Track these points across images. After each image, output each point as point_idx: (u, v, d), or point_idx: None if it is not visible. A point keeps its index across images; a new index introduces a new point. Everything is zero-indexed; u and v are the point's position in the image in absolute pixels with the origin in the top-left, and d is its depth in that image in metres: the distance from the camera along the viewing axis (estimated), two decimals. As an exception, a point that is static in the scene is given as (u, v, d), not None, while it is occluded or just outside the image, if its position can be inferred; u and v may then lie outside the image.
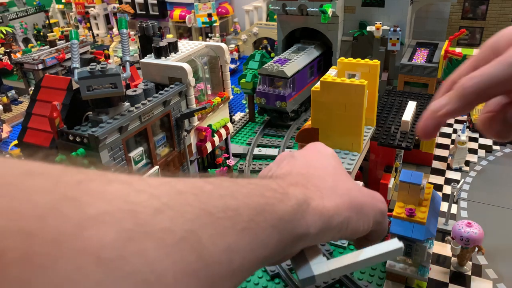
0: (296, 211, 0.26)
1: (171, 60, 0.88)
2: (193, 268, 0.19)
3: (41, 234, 0.16)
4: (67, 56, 1.60)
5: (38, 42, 2.32)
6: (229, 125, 1.05)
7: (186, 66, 0.85)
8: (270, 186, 0.26)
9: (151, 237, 0.18)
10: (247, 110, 1.43)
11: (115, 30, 2.26)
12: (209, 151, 0.97)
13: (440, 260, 0.80)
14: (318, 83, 0.72)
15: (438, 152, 1.14)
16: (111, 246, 0.16)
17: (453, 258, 0.79)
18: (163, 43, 0.89)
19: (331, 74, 0.76)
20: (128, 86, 0.87)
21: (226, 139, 1.07)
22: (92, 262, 0.16)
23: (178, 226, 0.19)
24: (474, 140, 1.19)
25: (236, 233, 0.21)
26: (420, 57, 1.38)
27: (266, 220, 0.23)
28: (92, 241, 0.16)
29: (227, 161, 1.02)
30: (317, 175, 0.32)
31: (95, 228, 0.16)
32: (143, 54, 0.97)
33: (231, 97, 1.06)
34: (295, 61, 1.29)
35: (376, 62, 0.74)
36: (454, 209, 0.91)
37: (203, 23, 2.05)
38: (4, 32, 2.14)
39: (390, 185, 0.88)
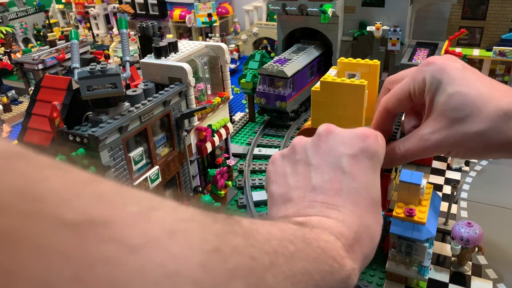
0: (344, 284, 0.30)
1: (171, 60, 0.88)
2: None
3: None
4: (67, 56, 1.60)
5: (38, 42, 2.32)
6: (229, 125, 1.05)
7: (186, 66, 0.85)
8: (332, 254, 0.30)
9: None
10: (247, 110, 1.43)
11: (115, 30, 2.26)
12: (209, 151, 0.97)
13: (440, 260, 0.80)
14: (318, 83, 0.72)
15: (438, 152, 1.13)
16: None
17: (453, 258, 0.79)
18: (163, 43, 0.89)
19: (331, 74, 0.76)
20: (128, 86, 0.87)
21: (226, 139, 1.07)
22: None
23: (278, 284, 0.23)
24: (474, 140, 1.19)
25: None
26: (420, 57, 1.38)
27: (326, 286, 0.28)
28: None
29: (227, 161, 1.02)
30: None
31: (235, 283, 0.20)
32: (143, 54, 0.96)
33: (231, 97, 1.06)
34: (295, 61, 1.29)
35: (376, 62, 0.74)
36: (454, 209, 0.91)
37: (203, 23, 2.05)
38: (4, 32, 2.14)
39: (390, 185, 0.88)
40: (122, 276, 0.16)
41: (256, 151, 1.19)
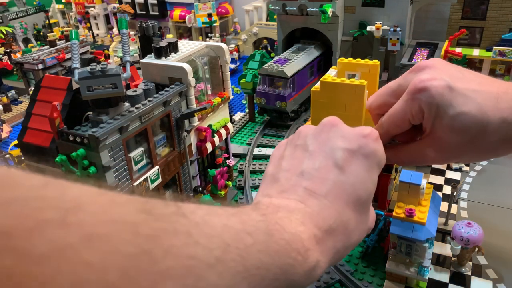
0: (307, 275, 0.30)
1: (171, 60, 0.88)
2: None
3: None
4: (67, 56, 1.60)
5: (38, 42, 2.32)
6: (229, 125, 1.05)
7: (186, 66, 0.85)
8: (296, 246, 0.29)
9: None
10: (247, 110, 1.43)
11: (115, 30, 2.26)
12: (209, 151, 0.97)
13: (440, 260, 0.80)
14: (318, 83, 0.72)
15: (438, 152, 1.13)
16: None
17: (453, 258, 0.79)
18: (163, 43, 0.89)
19: (331, 74, 0.76)
20: (128, 86, 0.87)
21: (226, 139, 1.07)
22: None
23: (223, 281, 0.23)
24: (474, 140, 1.19)
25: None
26: (420, 57, 1.38)
27: (286, 279, 0.28)
28: None
29: (227, 161, 1.02)
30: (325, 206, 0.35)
31: (166, 284, 0.20)
32: (143, 54, 0.96)
33: (231, 97, 1.06)
34: (295, 61, 1.29)
35: (376, 62, 0.74)
36: (454, 209, 0.91)
37: (203, 23, 2.05)
38: (4, 32, 2.14)
39: (390, 185, 0.88)
40: None
41: (256, 151, 1.19)
